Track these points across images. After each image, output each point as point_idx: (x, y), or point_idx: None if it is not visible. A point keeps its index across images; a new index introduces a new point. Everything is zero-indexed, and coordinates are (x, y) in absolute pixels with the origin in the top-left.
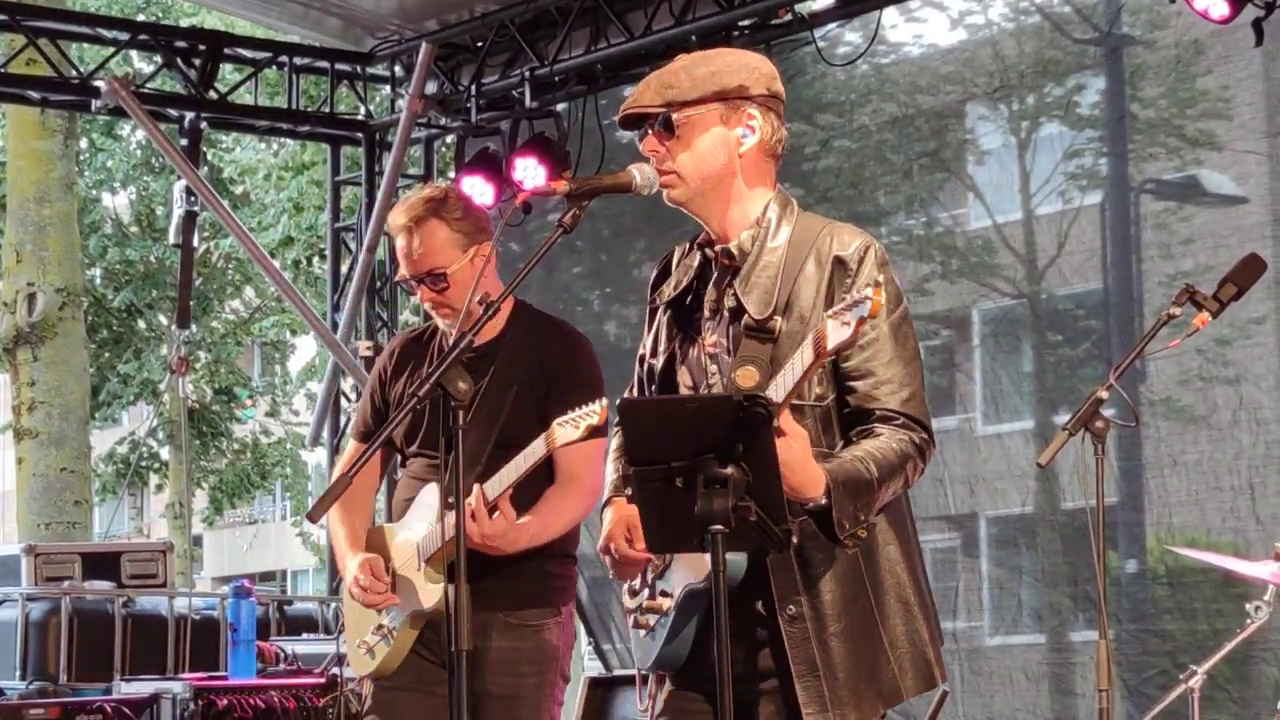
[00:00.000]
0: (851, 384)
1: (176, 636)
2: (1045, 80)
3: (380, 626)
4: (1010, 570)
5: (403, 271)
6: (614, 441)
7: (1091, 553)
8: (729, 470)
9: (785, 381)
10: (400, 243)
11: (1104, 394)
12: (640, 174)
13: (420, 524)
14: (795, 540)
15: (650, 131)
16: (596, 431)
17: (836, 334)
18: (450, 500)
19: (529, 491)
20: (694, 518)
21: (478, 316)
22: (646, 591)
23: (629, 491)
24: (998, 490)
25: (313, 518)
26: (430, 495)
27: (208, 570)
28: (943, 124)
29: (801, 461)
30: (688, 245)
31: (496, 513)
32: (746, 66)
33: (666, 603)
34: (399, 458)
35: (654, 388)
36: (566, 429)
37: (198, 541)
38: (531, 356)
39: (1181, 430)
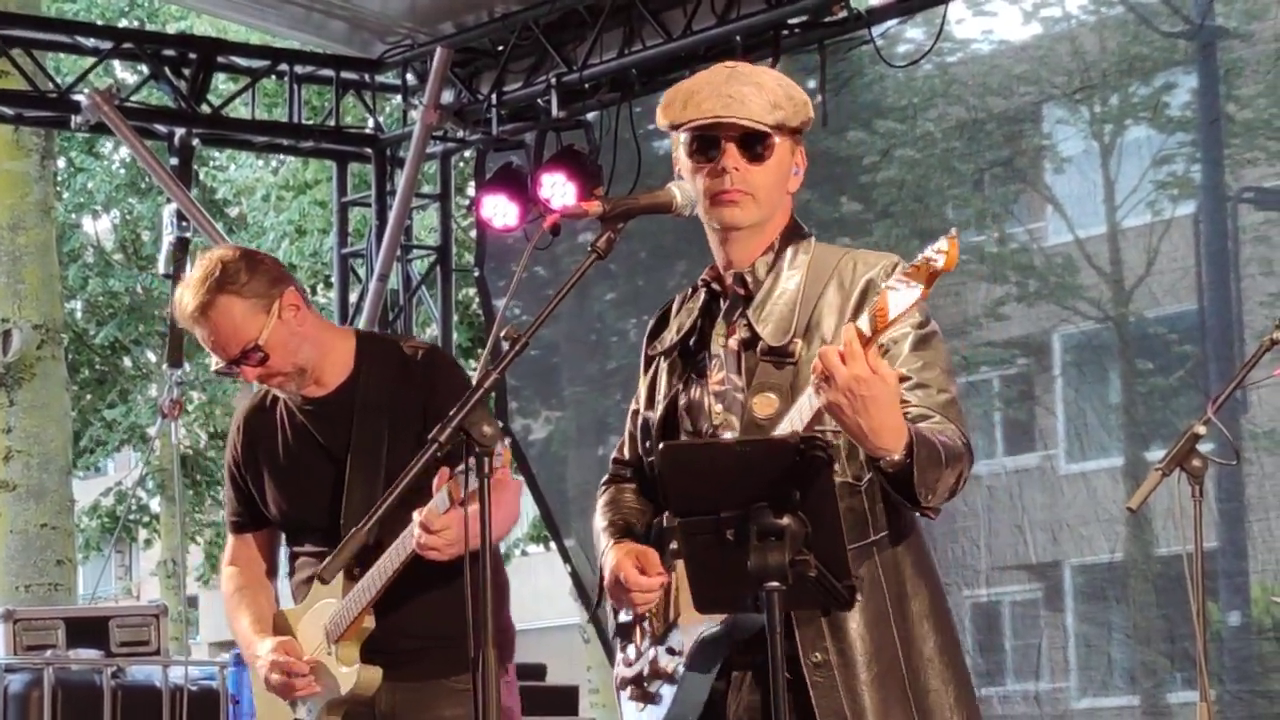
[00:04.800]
0: None
1: (172, 710)
2: (1131, 79)
3: None
4: (1099, 625)
5: (217, 362)
6: (604, 496)
7: (1189, 605)
8: (785, 520)
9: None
10: (200, 334)
11: (1201, 429)
12: (681, 192)
13: (325, 605)
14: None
15: (731, 144)
16: None
17: (901, 298)
18: (341, 572)
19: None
20: (746, 574)
21: (505, 353)
22: (650, 653)
23: (674, 546)
24: (1083, 536)
25: (324, 578)
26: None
27: (205, 634)
28: (1017, 129)
29: (891, 402)
30: (689, 291)
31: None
32: (809, 99)
33: (674, 662)
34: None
35: (648, 444)
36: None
37: (193, 603)
38: (393, 387)
39: None
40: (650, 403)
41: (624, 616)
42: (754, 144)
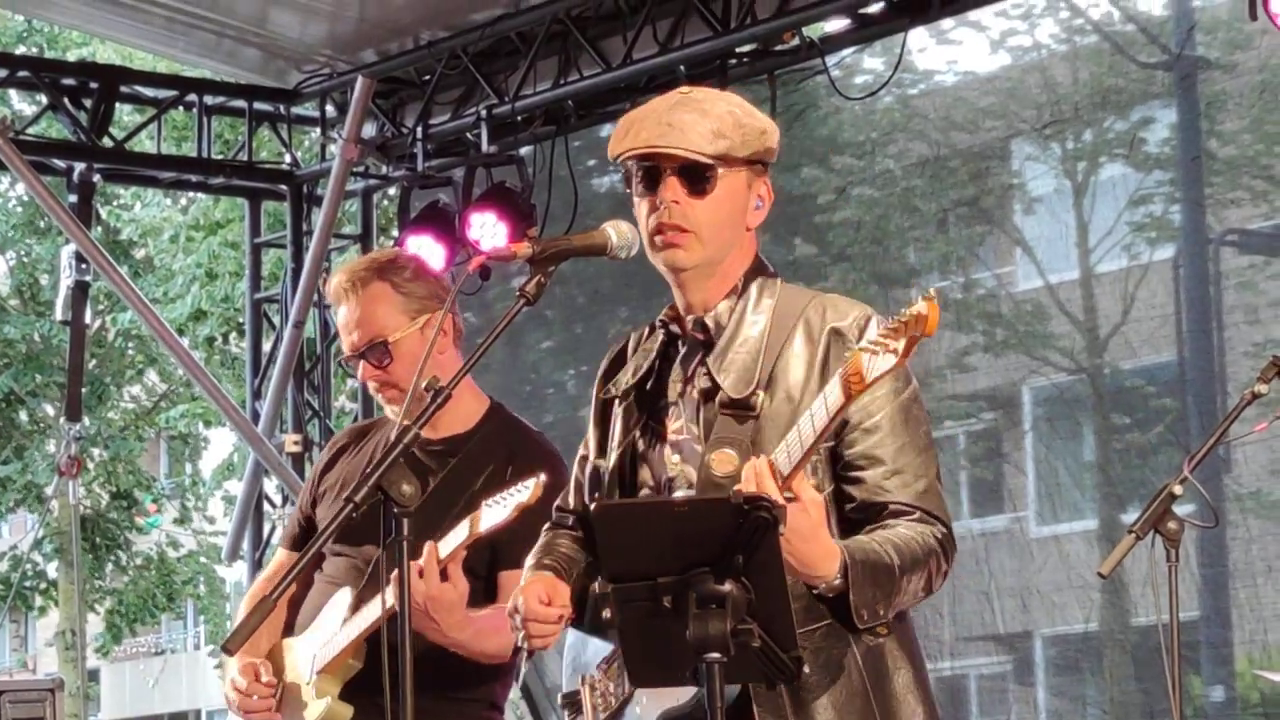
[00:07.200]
0: (856, 474)
1: None
2: (1105, 113)
3: None
4: (1072, 700)
5: (346, 348)
6: (540, 540)
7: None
8: (727, 587)
9: (799, 438)
10: (340, 313)
11: (1177, 489)
12: (617, 233)
13: (324, 632)
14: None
15: (672, 176)
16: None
17: (878, 363)
18: (377, 598)
19: None
20: (685, 644)
21: (425, 404)
22: None
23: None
24: (1055, 604)
25: (229, 649)
26: (342, 599)
27: (106, 711)
28: (983, 166)
29: (814, 531)
30: (645, 330)
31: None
32: (774, 127)
33: None
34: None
35: (599, 494)
36: (495, 509)
37: (94, 676)
38: (499, 464)
39: (1277, 530)
40: (602, 450)
41: (568, 685)
42: (696, 176)
